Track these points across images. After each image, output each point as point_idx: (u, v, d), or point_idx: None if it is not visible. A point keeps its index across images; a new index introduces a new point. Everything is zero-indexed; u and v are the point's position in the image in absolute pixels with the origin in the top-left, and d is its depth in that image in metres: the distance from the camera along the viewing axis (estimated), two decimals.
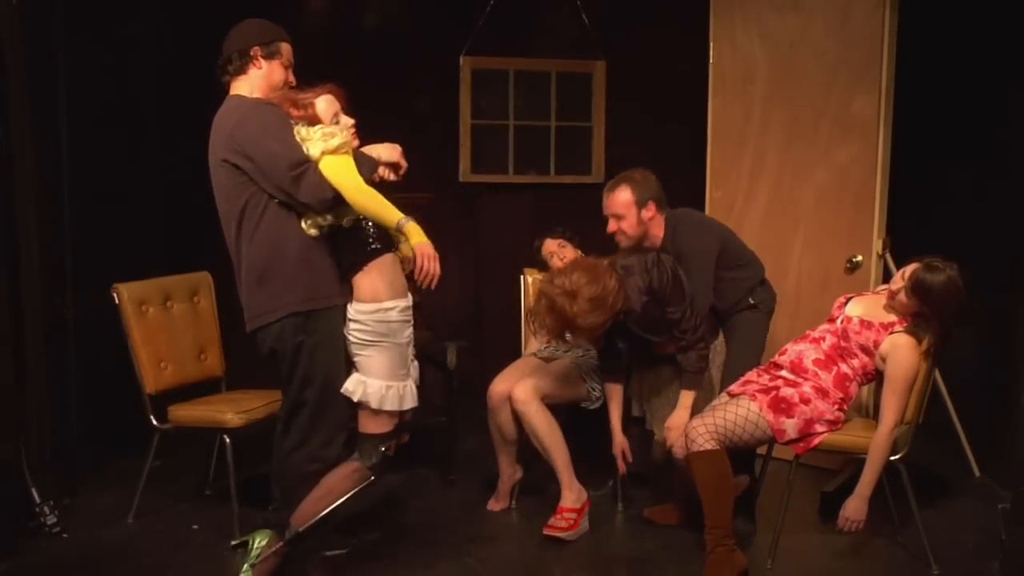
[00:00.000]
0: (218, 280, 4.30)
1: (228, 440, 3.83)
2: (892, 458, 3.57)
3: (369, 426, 3.31)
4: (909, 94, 4.46)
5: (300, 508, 3.28)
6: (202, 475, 4.34)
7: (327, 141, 3.15)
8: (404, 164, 3.36)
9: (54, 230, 4.03)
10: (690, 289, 3.77)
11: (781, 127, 4.70)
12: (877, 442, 3.51)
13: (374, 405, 3.26)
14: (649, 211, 3.92)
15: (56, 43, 4.01)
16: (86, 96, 4.18)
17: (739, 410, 3.58)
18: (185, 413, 3.93)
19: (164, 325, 4.03)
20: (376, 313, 3.25)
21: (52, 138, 4.02)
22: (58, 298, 4.03)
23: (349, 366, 3.33)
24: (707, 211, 4.95)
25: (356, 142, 3.34)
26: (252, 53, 3.29)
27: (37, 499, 3.75)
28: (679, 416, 3.80)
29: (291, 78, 3.37)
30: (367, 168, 3.23)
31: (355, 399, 3.27)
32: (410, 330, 3.34)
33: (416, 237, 3.13)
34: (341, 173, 3.13)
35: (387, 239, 3.32)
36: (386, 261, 3.29)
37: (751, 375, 3.78)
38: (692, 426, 3.59)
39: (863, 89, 4.39)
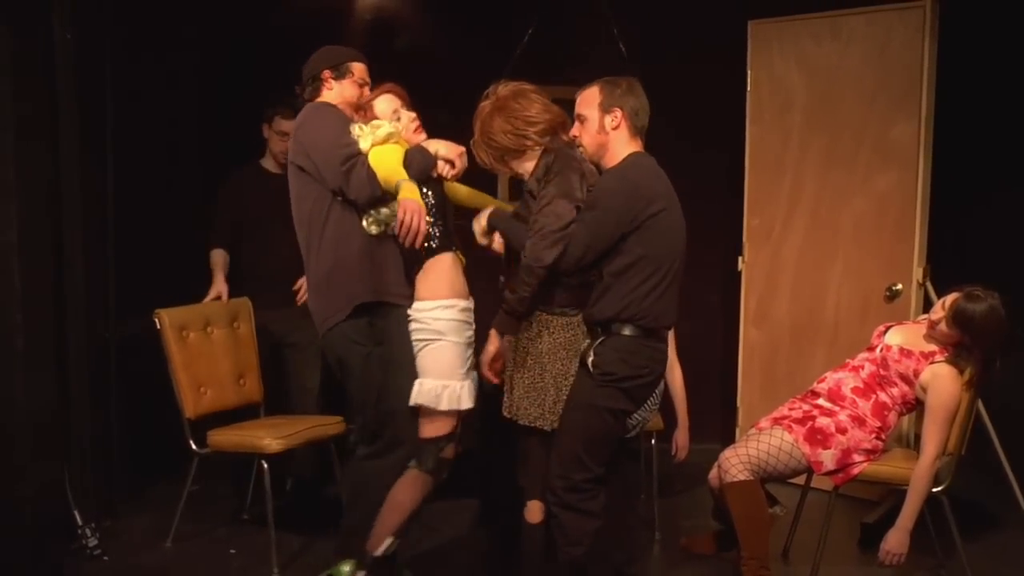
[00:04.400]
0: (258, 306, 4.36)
1: (266, 465, 3.83)
2: (934, 490, 3.55)
3: (428, 429, 3.25)
4: (949, 121, 4.44)
5: (372, 534, 3.25)
6: (240, 500, 4.37)
7: (375, 132, 3.21)
8: (460, 164, 3.32)
9: (98, 255, 4.12)
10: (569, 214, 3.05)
11: (819, 154, 4.69)
12: (919, 473, 3.49)
13: (429, 404, 3.20)
14: (615, 120, 3.20)
15: (105, 73, 4.11)
16: (132, 124, 4.27)
17: (772, 440, 3.57)
18: (224, 438, 3.95)
19: (204, 350, 4.09)
20: (435, 311, 3.21)
21: (99, 165, 4.12)
22: (101, 323, 4.12)
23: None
24: (744, 238, 4.94)
25: (422, 135, 3.38)
26: (323, 76, 3.42)
27: (79, 521, 3.81)
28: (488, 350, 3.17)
29: (367, 95, 3.45)
30: (422, 160, 3.24)
31: (411, 402, 3.22)
32: (471, 332, 3.29)
33: (404, 193, 3.09)
34: (382, 159, 3.18)
35: (447, 239, 3.29)
36: (445, 260, 3.26)
37: (784, 408, 3.74)
38: (725, 456, 3.57)
39: (902, 116, 4.39)
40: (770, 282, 4.90)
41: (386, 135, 3.22)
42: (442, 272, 3.24)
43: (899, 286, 4.44)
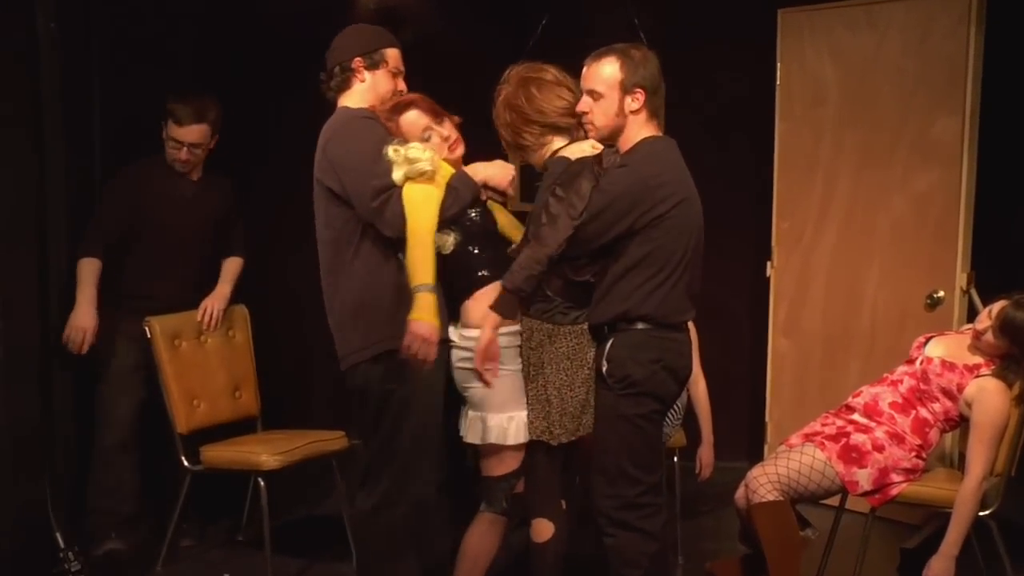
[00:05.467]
0: (254, 314, 4.31)
1: (263, 483, 3.78)
2: (981, 513, 3.49)
3: (495, 468, 3.20)
4: (994, 116, 4.38)
5: None
6: (235, 520, 4.33)
7: (411, 166, 3.03)
8: (511, 192, 3.23)
9: None
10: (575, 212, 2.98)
11: (854, 152, 4.63)
12: (964, 495, 3.42)
13: (498, 441, 3.14)
14: (636, 101, 3.07)
15: (91, 65, 4.06)
16: (121, 120, 4.22)
17: (803, 458, 3.52)
18: (218, 454, 3.92)
19: (197, 361, 4.05)
20: None
21: (85, 163, 4.07)
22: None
23: (449, 408, 3.23)
24: (773, 242, 4.93)
25: (460, 149, 3.23)
26: (354, 66, 3.19)
27: (61, 544, 3.74)
28: (485, 330, 3.05)
29: (401, 86, 3.25)
30: (467, 193, 3.09)
31: (476, 441, 3.16)
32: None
33: (417, 312, 2.93)
34: (414, 205, 3.01)
35: (499, 266, 3.15)
36: (496, 288, 3.13)
37: (817, 423, 3.70)
38: (753, 475, 3.53)
39: (944, 111, 4.33)
40: (801, 289, 4.86)
41: (419, 172, 3.01)
42: (493, 296, 3.13)
43: (941, 293, 4.36)
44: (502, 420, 3.14)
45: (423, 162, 3.03)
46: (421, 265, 2.97)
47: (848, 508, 3.84)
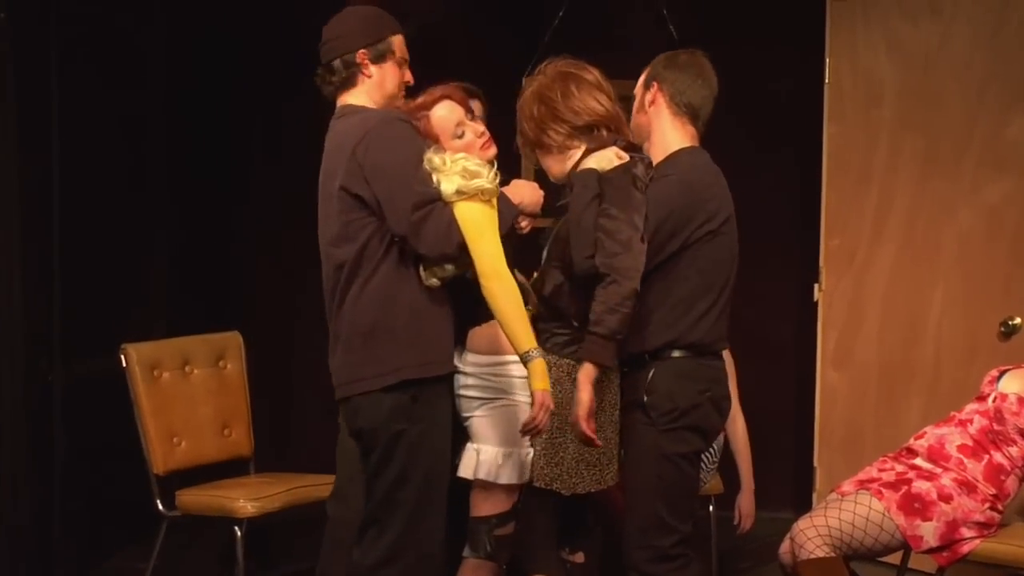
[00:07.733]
0: (249, 342, 4.24)
1: (239, 532, 3.70)
2: None
3: (481, 507, 3.17)
4: None
5: None
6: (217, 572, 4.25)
7: (468, 180, 2.90)
8: (539, 215, 3.16)
9: (41, 279, 4.01)
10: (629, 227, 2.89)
11: (914, 159, 4.54)
12: None
13: (484, 476, 3.13)
14: (651, 96, 3.14)
15: (49, 63, 4.00)
16: (83, 122, 4.18)
17: (858, 508, 3.43)
18: (193, 498, 3.85)
19: (180, 393, 4.00)
20: (493, 367, 3.16)
21: (41, 171, 4.02)
22: (43, 362, 3.99)
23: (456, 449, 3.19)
24: (822, 262, 4.83)
25: (492, 150, 3.11)
26: (359, 60, 3.04)
27: None
28: (581, 400, 2.89)
29: (408, 77, 3.13)
30: (507, 216, 3.02)
31: (468, 476, 3.15)
32: None
33: (540, 381, 2.88)
34: (480, 232, 2.89)
35: None
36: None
37: (873, 469, 3.60)
38: (800, 527, 3.43)
39: (1020, 112, 4.25)
40: (854, 315, 4.76)
41: (479, 190, 2.91)
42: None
43: (1017, 320, 4.29)
44: (496, 456, 3.13)
45: (483, 179, 2.92)
46: (522, 328, 2.91)
47: (911, 567, 3.76)
